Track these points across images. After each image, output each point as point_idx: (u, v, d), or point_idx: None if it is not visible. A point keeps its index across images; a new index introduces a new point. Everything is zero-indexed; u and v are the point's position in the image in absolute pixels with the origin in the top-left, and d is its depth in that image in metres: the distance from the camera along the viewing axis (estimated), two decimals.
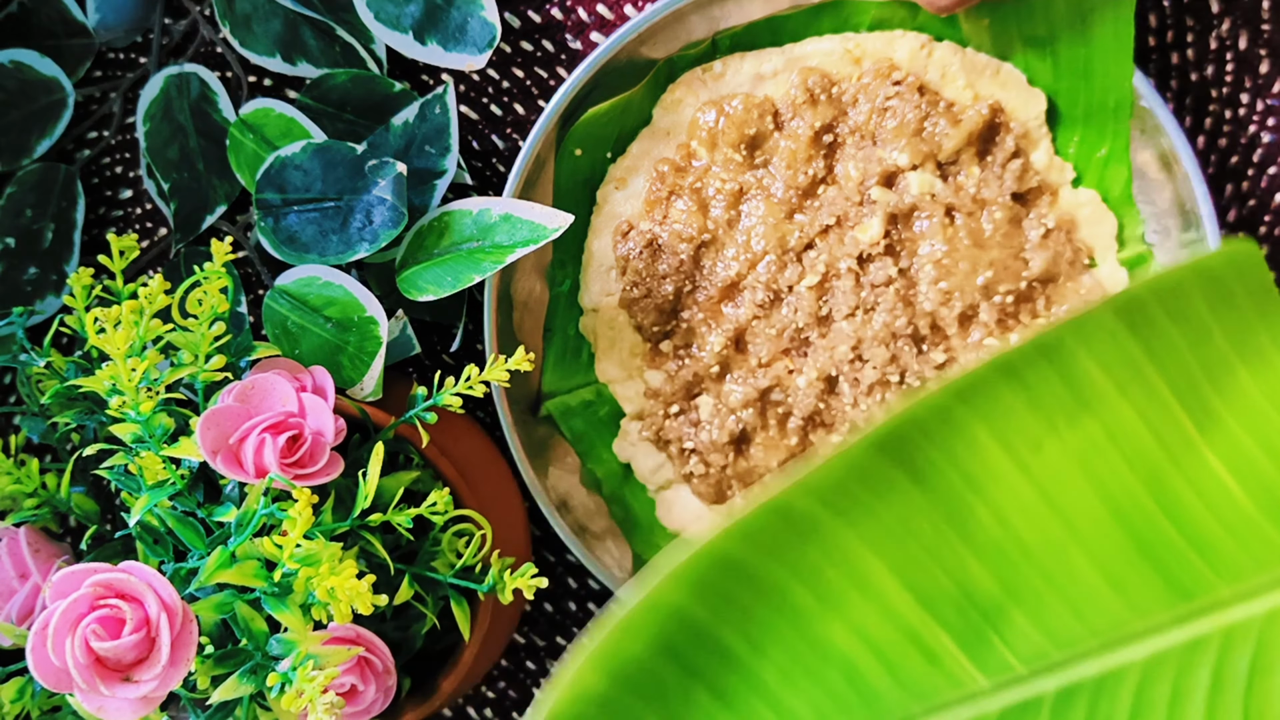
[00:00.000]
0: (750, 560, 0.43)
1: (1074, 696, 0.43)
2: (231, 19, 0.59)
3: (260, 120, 0.58)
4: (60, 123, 0.62)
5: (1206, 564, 0.44)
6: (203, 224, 0.61)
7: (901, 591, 0.43)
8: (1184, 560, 0.43)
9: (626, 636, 0.43)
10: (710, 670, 0.44)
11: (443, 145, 0.58)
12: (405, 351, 0.58)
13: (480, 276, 0.53)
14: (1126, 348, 0.42)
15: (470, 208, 0.55)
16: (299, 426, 0.48)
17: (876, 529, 0.43)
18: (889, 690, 0.44)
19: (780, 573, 0.43)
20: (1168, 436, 0.43)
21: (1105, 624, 0.44)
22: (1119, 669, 0.44)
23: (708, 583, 0.43)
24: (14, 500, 0.53)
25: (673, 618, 0.43)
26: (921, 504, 0.43)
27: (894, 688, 0.44)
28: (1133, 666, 0.44)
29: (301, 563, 0.44)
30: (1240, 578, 0.44)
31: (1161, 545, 0.43)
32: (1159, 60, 0.58)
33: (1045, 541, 0.43)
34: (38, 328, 0.62)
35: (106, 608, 0.43)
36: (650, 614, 0.43)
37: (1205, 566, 0.44)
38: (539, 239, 0.53)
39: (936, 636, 0.44)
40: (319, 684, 0.42)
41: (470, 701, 0.66)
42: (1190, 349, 0.43)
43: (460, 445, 0.56)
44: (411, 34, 0.56)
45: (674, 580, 0.43)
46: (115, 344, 0.46)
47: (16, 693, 0.49)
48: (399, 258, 0.56)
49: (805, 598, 0.44)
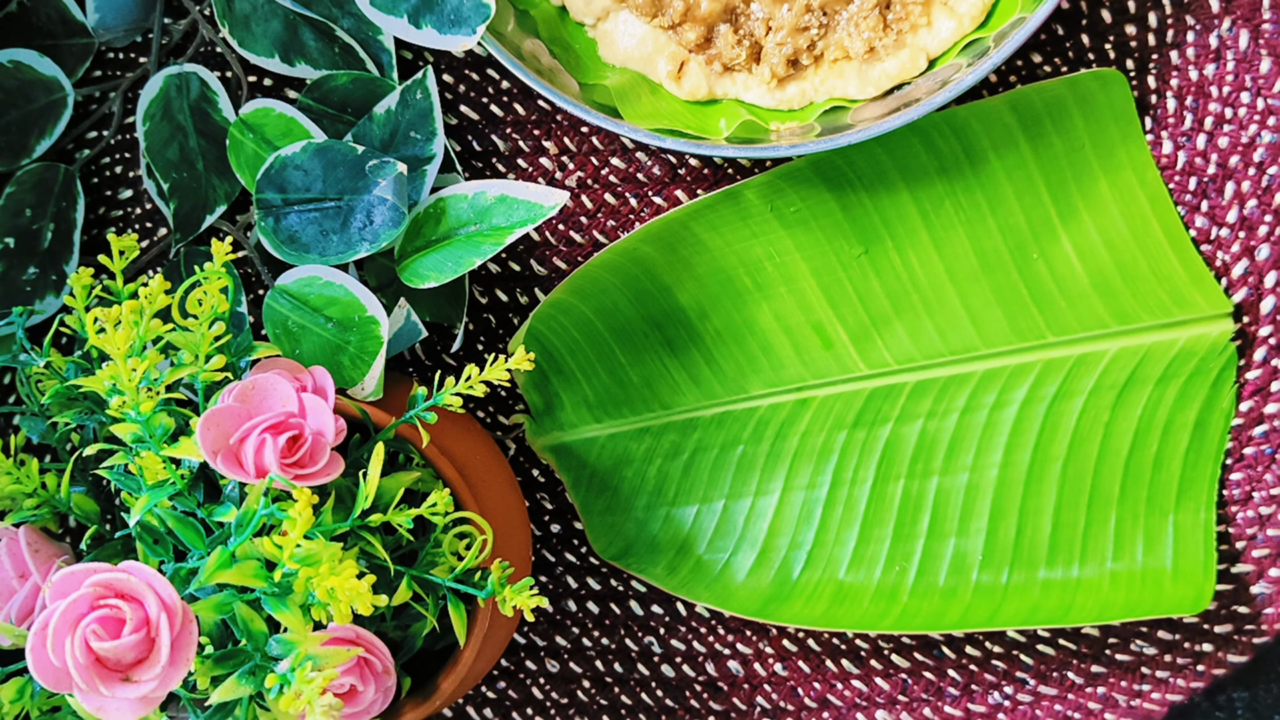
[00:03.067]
0: (706, 235, 0.59)
1: (926, 388, 0.60)
2: (231, 19, 0.59)
3: (260, 120, 0.58)
4: (60, 122, 0.62)
5: (1042, 316, 0.58)
6: (203, 224, 0.61)
7: (817, 291, 0.60)
8: (1027, 310, 0.58)
9: (601, 269, 0.60)
10: (662, 318, 0.61)
11: (428, 130, 0.58)
12: (413, 338, 0.58)
13: (481, 260, 0.54)
14: (1017, 140, 0.57)
15: (465, 191, 0.55)
16: (299, 426, 0.48)
17: (808, 239, 0.59)
18: (792, 362, 0.61)
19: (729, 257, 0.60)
20: (1035, 218, 0.58)
21: (960, 344, 0.59)
22: (963, 375, 0.60)
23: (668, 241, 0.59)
24: (14, 500, 0.53)
25: (638, 262, 0.60)
26: (846, 228, 0.59)
27: (796, 361, 0.61)
28: (973, 375, 0.59)
29: (301, 563, 0.44)
30: (1064, 331, 0.58)
31: (1012, 296, 0.58)
32: (1160, 60, 0.58)
33: (929, 276, 0.59)
34: (38, 328, 0.62)
35: (106, 608, 0.43)
36: (620, 256, 0.59)
37: (1040, 318, 0.58)
38: (536, 218, 0.54)
39: (836, 330, 0.60)
40: (317, 685, 0.42)
41: (470, 701, 0.66)
42: (1065, 154, 0.57)
43: (461, 445, 0.56)
44: (406, 18, 0.56)
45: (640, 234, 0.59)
46: (115, 344, 0.46)
47: (16, 693, 0.49)
48: (397, 248, 0.56)
49: (744, 280, 0.60)
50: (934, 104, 0.53)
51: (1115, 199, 0.57)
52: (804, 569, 0.60)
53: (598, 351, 0.62)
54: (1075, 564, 0.58)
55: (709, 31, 0.57)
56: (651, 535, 0.62)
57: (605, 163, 0.62)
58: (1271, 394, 0.59)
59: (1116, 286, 0.58)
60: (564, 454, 0.63)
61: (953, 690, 0.62)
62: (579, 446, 0.63)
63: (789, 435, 0.61)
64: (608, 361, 0.62)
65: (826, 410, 0.60)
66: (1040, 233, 0.58)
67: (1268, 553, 0.59)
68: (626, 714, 0.64)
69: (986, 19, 0.56)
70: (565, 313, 0.61)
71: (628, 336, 0.61)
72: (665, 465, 0.62)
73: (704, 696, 0.64)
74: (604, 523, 0.63)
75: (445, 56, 0.62)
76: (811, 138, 0.54)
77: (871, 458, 0.60)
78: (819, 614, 0.59)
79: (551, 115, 0.62)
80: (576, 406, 0.63)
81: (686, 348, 0.61)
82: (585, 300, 0.61)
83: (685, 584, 0.61)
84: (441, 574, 0.50)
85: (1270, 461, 0.59)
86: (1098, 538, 0.58)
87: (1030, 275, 0.58)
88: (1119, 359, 0.58)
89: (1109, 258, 0.58)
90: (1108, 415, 0.58)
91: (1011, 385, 0.59)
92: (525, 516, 0.61)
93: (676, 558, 0.61)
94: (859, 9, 0.57)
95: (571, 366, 0.62)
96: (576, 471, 0.63)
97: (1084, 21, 0.58)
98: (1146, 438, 0.58)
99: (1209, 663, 0.59)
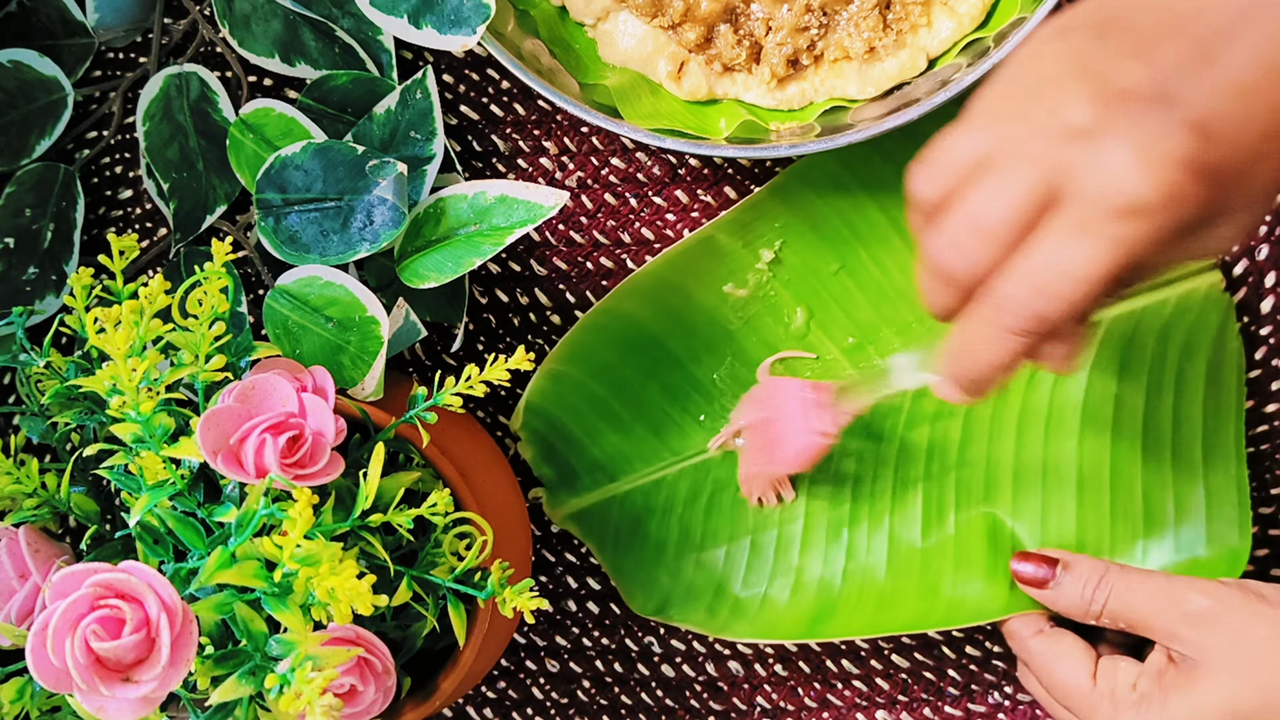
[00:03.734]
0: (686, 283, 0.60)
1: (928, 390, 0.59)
2: (231, 19, 0.59)
3: (260, 120, 0.58)
4: (60, 122, 0.62)
5: None
6: (203, 224, 0.61)
7: (804, 314, 0.60)
8: None
9: (587, 333, 0.61)
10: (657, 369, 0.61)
11: (428, 130, 0.58)
12: (412, 338, 0.58)
13: (481, 260, 0.54)
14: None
15: (465, 192, 0.55)
16: (299, 427, 0.48)
17: (785, 266, 0.60)
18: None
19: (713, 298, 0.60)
20: None
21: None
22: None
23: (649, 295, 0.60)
24: (14, 500, 0.53)
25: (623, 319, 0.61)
26: (820, 247, 0.60)
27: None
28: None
29: (301, 563, 0.44)
30: None
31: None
32: None
33: (907, 278, 0.59)
34: (38, 328, 0.62)
35: (106, 608, 0.43)
36: (604, 317, 0.61)
37: None
38: (536, 218, 0.54)
39: (828, 348, 0.61)
40: (317, 685, 0.42)
41: (470, 701, 0.66)
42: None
43: (461, 446, 0.56)
44: (406, 18, 0.56)
45: (620, 292, 0.60)
46: (115, 344, 0.46)
47: (16, 693, 0.49)
48: (397, 248, 0.56)
49: (731, 319, 0.61)
50: (934, 104, 0.53)
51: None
52: (842, 584, 0.60)
53: (599, 413, 0.62)
54: (1106, 540, 0.57)
55: (709, 31, 0.57)
56: (686, 583, 0.61)
57: (605, 163, 0.62)
58: (1271, 394, 0.59)
59: None
60: (584, 520, 0.63)
61: (953, 690, 0.62)
62: (598, 509, 0.63)
63: None
64: (611, 420, 0.62)
65: None
66: None
67: (1267, 552, 0.59)
68: (626, 714, 0.64)
69: (986, 19, 0.56)
70: (559, 382, 0.61)
71: (626, 392, 0.62)
72: (686, 511, 0.62)
73: (704, 696, 0.64)
74: (636, 580, 0.62)
75: (445, 56, 0.62)
76: (811, 138, 0.54)
77: (888, 466, 0.60)
78: (865, 623, 0.59)
79: (551, 115, 0.62)
80: (589, 471, 0.62)
81: (686, 393, 0.62)
82: (577, 366, 0.61)
83: (727, 625, 0.60)
84: (441, 574, 0.50)
85: (1270, 461, 0.59)
86: (1127, 510, 0.57)
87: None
88: (1114, 328, 0.58)
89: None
90: (1114, 384, 0.58)
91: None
92: (525, 516, 0.61)
93: (715, 600, 0.61)
94: (859, 9, 0.57)
95: (576, 433, 0.62)
96: (600, 535, 0.62)
97: None
98: (1160, 395, 0.57)
99: None
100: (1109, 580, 0.53)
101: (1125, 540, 0.57)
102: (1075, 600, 0.54)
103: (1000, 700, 0.62)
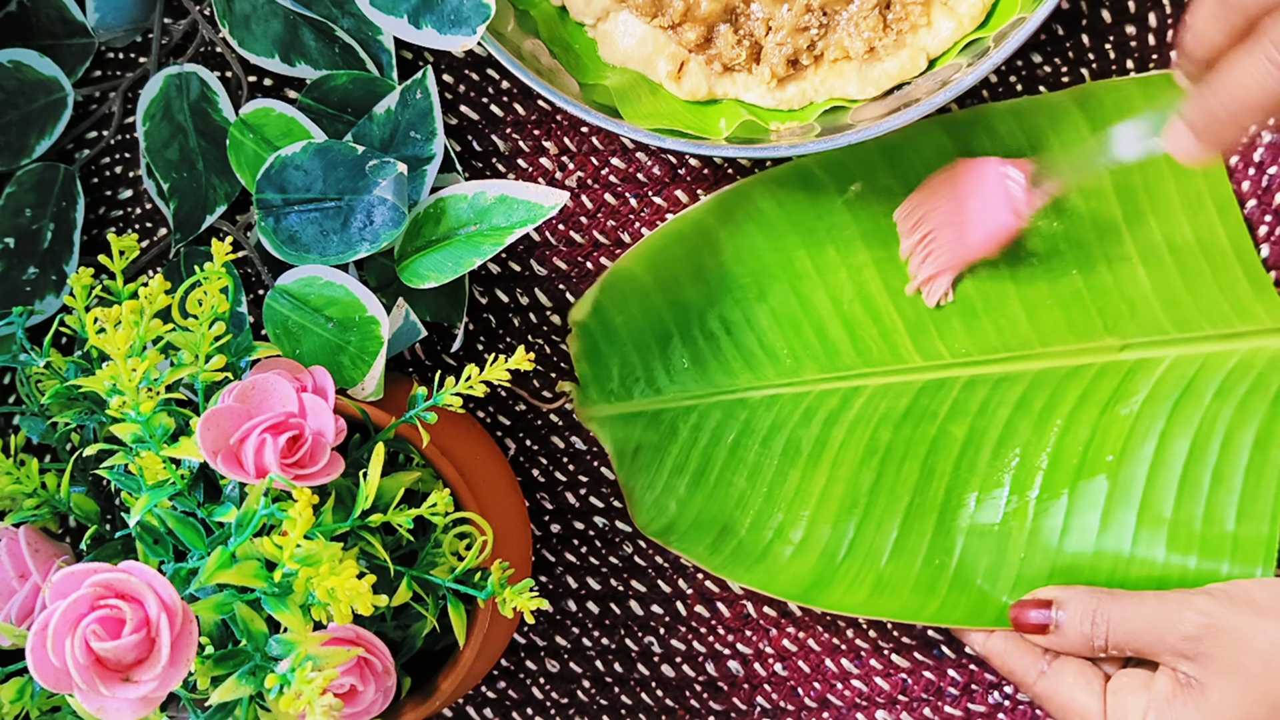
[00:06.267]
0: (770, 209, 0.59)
1: (978, 384, 0.59)
2: (231, 19, 0.59)
3: (260, 120, 0.58)
4: (60, 123, 0.62)
5: (1101, 318, 0.58)
6: (203, 224, 0.61)
7: (877, 279, 0.59)
8: (1085, 311, 0.58)
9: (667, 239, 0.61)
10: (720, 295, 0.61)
11: (428, 130, 0.58)
12: (412, 338, 0.58)
13: (481, 260, 0.54)
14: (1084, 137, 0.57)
15: (465, 192, 0.55)
16: (299, 427, 0.48)
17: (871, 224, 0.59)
18: (846, 350, 0.60)
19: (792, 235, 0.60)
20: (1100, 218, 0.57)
21: (1016, 341, 0.59)
22: (1016, 374, 0.59)
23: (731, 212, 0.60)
24: (14, 500, 0.53)
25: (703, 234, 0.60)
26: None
27: (851, 349, 0.60)
28: (1026, 374, 0.59)
29: (301, 563, 0.44)
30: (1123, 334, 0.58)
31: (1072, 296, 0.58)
32: (1160, 59, 0.58)
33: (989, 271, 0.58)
34: (38, 328, 0.62)
35: (106, 608, 0.43)
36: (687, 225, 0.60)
37: (1099, 319, 0.58)
38: (536, 218, 0.54)
39: (893, 319, 0.60)
40: (317, 685, 0.42)
41: (470, 701, 0.66)
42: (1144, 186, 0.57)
43: (461, 446, 0.56)
44: (406, 18, 0.56)
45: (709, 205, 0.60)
46: (115, 344, 0.46)
47: (16, 693, 0.49)
48: (397, 248, 0.56)
49: (805, 261, 0.60)
50: (934, 104, 0.53)
51: (1182, 203, 0.56)
52: (846, 557, 0.59)
53: (653, 325, 0.61)
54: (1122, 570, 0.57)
55: (709, 31, 0.57)
56: (695, 514, 0.61)
57: (605, 163, 0.62)
58: None
59: (1178, 293, 0.57)
60: (611, 426, 0.62)
61: (953, 690, 0.62)
62: (625, 421, 0.62)
63: (837, 423, 0.60)
64: (661, 337, 0.61)
65: (877, 400, 0.60)
66: (1105, 233, 0.57)
67: None
68: (626, 714, 0.64)
69: (986, 19, 0.56)
70: (629, 281, 0.61)
71: (684, 312, 0.61)
72: (711, 445, 0.61)
73: (704, 696, 0.64)
74: (647, 499, 0.62)
75: (445, 56, 0.62)
76: (811, 138, 0.54)
77: (919, 452, 0.59)
78: (859, 602, 0.58)
79: (551, 115, 0.62)
80: (626, 380, 0.62)
81: (742, 327, 0.61)
82: (650, 270, 0.61)
83: (727, 565, 0.60)
84: (441, 574, 0.50)
85: None
86: (1148, 542, 0.56)
87: (1091, 276, 0.57)
88: (1175, 367, 0.57)
89: (1172, 262, 0.57)
90: (1163, 424, 0.57)
91: (1065, 387, 0.58)
92: (525, 516, 0.61)
93: (720, 538, 0.61)
94: (859, 9, 0.57)
95: (625, 338, 0.62)
96: (621, 445, 0.62)
97: (1084, 21, 0.58)
98: (1204, 452, 0.56)
99: None
100: (1104, 612, 0.53)
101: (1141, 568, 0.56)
102: (1079, 640, 0.54)
103: (1000, 700, 0.62)
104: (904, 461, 0.59)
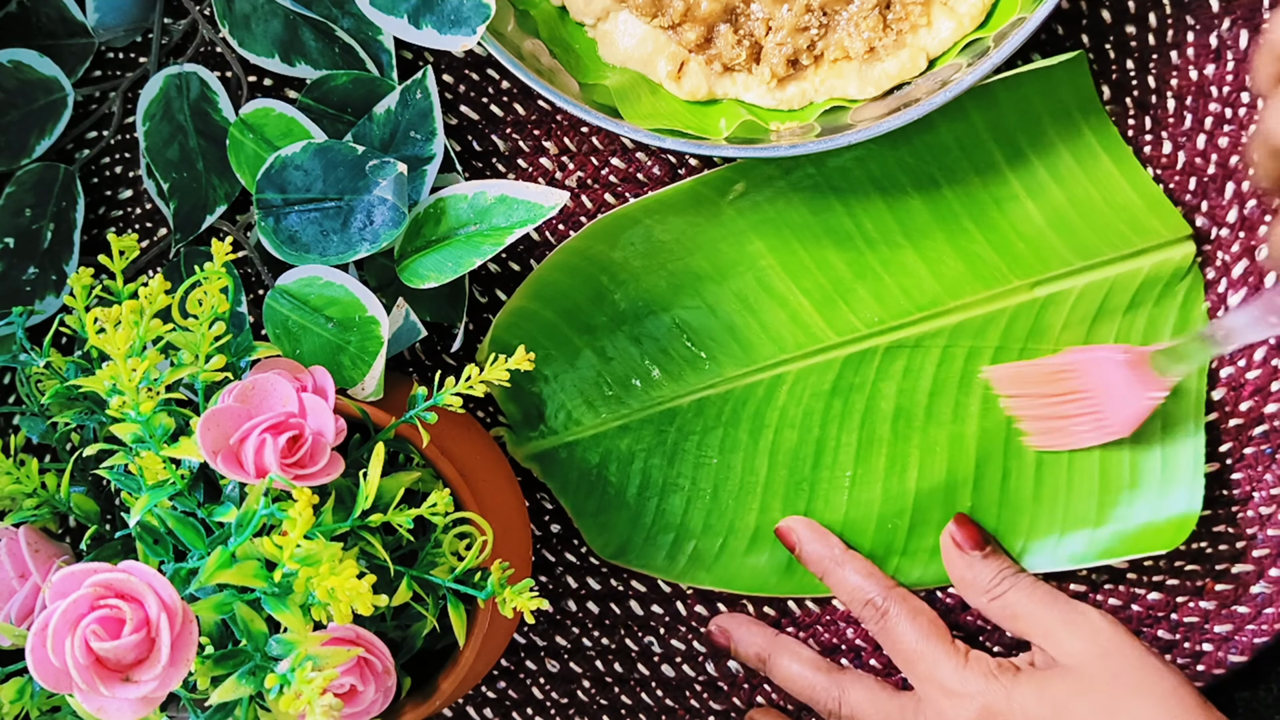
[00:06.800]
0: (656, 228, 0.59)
1: (899, 349, 0.60)
2: (231, 19, 0.59)
3: (260, 120, 0.58)
4: (59, 122, 0.62)
5: (1003, 261, 0.58)
6: (203, 224, 0.61)
7: (775, 266, 0.59)
8: (986, 257, 0.58)
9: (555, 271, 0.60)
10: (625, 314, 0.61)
11: (428, 130, 0.58)
12: (411, 338, 0.58)
13: (481, 260, 0.54)
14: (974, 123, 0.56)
15: (465, 192, 0.55)
16: (299, 427, 0.48)
17: (758, 216, 0.59)
18: (761, 341, 0.61)
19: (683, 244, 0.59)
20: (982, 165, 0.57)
21: (926, 299, 0.59)
22: (934, 331, 0.59)
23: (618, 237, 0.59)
24: (14, 500, 0.53)
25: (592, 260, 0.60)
26: (794, 198, 0.58)
27: (765, 339, 0.60)
28: (944, 329, 0.59)
29: (301, 563, 0.44)
30: (1028, 274, 0.58)
31: (969, 245, 0.58)
32: (1159, 60, 0.58)
33: (883, 235, 0.59)
34: (38, 328, 0.62)
35: (106, 608, 0.43)
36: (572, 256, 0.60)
37: (1001, 263, 0.58)
38: (536, 218, 0.54)
39: (799, 302, 0.60)
40: (317, 685, 0.42)
41: (470, 701, 0.66)
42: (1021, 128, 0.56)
43: (461, 445, 0.56)
44: (406, 18, 0.56)
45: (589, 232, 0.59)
46: (115, 344, 0.46)
47: (16, 693, 0.49)
48: (397, 248, 0.56)
49: (702, 265, 0.60)
50: (934, 104, 0.53)
51: (1062, 140, 0.57)
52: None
53: (566, 354, 0.62)
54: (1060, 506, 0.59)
55: (709, 31, 0.57)
56: (646, 529, 0.62)
57: (605, 163, 0.62)
58: (1271, 394, 0.59)
59: (1074, 223, 0.57)
60: (547, 461, 0.63)
61: None
62: (562, 451, 0.63)
63: (767, 412, 0.61)
64: (578, 363, 0.62)
65: (802, 384, 0.61)
66: (987, 176, 0.57)
67: (1268, 552, 0.59)
68: (626, 714, 0.64)
69: (986, 19, 0.56)
70: (528, 319, 0.61)
71: (594, 335, 0.61)
72: (650, 458, 0.62)
73: (704, 696, 0.64)
74: (598, 523, 0.63)
75: (445, 56, 0.62)
76: (811, 138, 0.54)
77: (853, 424, 0.60)
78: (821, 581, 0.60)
79: (551, 115, 0.62)
80: (555, 412, 0.63)
81: (653, 339, 0.61)
82: (546, 305, 0.61)
83: (686, 572, 0.62)
84: (441, 574, 0.50)
85: (1270, 461, 0.59)
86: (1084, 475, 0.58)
87: (985, 222, 0.58)
88: (1085, 294, 0.58)
89: (1061, 194, 0.57)
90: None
91: (984, 335, 0.59)
92: (525, 516, 0.61)
93: (674, 548, 0.62)
94: (859, 9, 0.57)
95: (543, 372, 0.62)
96: (563, 477, 0.63)
97: (1084, 21, 0.58)
98: None
99: (1209, 662, 0.59)
100: (1020, 579, 0.56)
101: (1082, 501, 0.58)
102: (983, 579, 0.57)
103: None
104: (840, 436, 0.60)
